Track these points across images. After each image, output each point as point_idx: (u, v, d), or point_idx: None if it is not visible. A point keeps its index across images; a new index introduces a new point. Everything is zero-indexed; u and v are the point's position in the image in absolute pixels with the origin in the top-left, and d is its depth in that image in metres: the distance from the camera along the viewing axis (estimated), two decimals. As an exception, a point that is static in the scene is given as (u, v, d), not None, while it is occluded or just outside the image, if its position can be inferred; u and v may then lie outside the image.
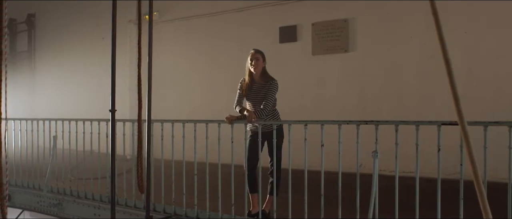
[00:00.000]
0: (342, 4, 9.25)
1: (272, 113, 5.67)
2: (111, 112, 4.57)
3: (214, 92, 11.08)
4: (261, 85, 5.73)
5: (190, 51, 11.63)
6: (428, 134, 4.78)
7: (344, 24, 9.25)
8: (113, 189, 4.87)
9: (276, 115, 5.74)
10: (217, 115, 6.54)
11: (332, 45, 9.38)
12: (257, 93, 5.71)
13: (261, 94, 5.66)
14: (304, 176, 5.14)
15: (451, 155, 4.57)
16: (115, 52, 4.17)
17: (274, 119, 5.68)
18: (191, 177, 5.89)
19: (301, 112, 8.67)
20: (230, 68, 10.70)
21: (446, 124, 4.37)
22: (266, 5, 10.17)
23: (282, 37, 10.05)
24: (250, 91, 5.75)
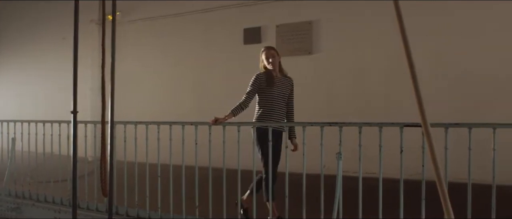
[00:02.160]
0: (306, 6, 9.30)
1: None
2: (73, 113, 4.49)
3: (179, 93, 11.02)
4: (284, 80, 5.88)
5: (155, 51, 11.54)
6: (391, 135, 4.84)
7: (309, 26, 9.30)
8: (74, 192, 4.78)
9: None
10: (181, 117, 6.51)
11: (297, 47, 9.41)
12: (281, 87, 5.79)
13: (285, 89, 5.82)
14: (268, 177, 5.13)
15: (413, 156, 4.64)
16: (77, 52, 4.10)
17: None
18: (155, 179, 5.83)
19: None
20: (195, 69, 10.69)
21: (408, 125, 4.42)
22: (230, 6, 10.16)
23: (247, 39, 10.05)
24: (274, 87, 5.76)
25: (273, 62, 5.79)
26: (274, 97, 5.70)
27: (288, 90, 5.84)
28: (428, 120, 2.16)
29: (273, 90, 5.70)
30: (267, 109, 5.68)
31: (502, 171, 4.11)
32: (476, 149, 4.20)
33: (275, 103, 5.69)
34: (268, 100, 5.70)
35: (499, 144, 4.09)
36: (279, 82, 5.78)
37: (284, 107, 5.79)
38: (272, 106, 5.69)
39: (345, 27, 8.92)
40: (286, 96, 5.80)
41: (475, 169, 4.21)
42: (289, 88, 5.86)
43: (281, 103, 5.73)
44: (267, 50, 5.88)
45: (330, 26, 9.11)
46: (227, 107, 5.57)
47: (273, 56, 5.81)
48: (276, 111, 5.69)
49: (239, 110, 5.59)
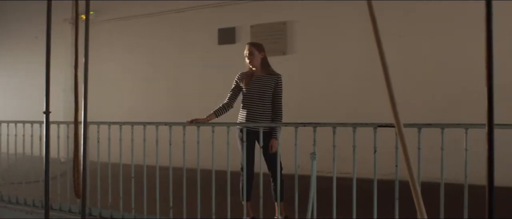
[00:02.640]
0: (281, 7, 9.32)
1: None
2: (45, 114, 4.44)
3: (153, 93, 10.96)
4: (263, 77, 5.64)
5: (128, 51, 11.47)
6: (365, 136, 4.87)
7: (283, 27, 9.32)
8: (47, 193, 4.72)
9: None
10: (155, 117, 6.47)
11: (271, 47, 9.41)
12: (258, 85, 5.59)
13: (263, 87, 5.57)
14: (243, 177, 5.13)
15: (387, 156, 4.68)
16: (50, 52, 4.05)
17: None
18: (129, 180, 5.79)
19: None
20: (169, 69, 10.64)
21: (382, 125, 4.46)
22: (205, 7, 10.14)
23: (221, 39, 10.04)
24: (250, 85, 5.62)
25: (250, 59, 5.67)
26: (250, 96, 5.58)
27: (268, 88, 5.57)
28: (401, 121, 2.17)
29: (249, 89, 5.59)
30: (244, 109, 5.62)
31: (474, 170, 4.16)
32: (448, 149, 4.26)
33: (251, 103, 5.57)
34: (245, 99, 5.65)
35: (471, 144, 4.15)
36: (258, 80, 5.61)
37: (264, 107, 5.57)
38: (248, 106, 5.59)
39: (320, 27, 8.96)
40: (265, 95, 5.55)
41: (447, 169, 4.27)
42: (270, 86, 5.58)
43: (258, 103, 5.54)
44: (247, 47, 5.76)
45: (305, 27, 9.14)
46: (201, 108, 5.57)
47: (251, 53, 5.67)
48: (252, 111, 5.55)
49: (221, 110, 5.58)
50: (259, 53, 5.69)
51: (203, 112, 5.50)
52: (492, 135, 1.93)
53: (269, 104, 5.58)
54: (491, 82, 1.85)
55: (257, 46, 5.75)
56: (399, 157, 4.32)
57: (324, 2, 8.79)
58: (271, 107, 5.58)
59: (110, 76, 11.61)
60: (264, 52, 5.74)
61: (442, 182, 4.25)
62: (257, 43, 5.84)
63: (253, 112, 5.54)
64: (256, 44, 5.80)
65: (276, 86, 5.60)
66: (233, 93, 5.71)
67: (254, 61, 5.66)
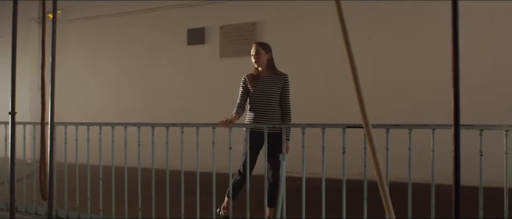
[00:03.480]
0: (250, 8, 9.33)
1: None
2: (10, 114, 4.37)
3: (121, 93, 10.86)
4: (269, 78, 5.47)
5: (97, 51, 11.35)
6: (334, 136, 4.90)
7: (252, 28, 9.33)
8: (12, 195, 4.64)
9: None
10: (124, 117, 6.42)
11: (240, 48, 9.42)
12: (265, 86, 5.42)
13: (270, 88, 5.39)
14: (212, 178, 5.12)
15: (355, 156, 4.72)
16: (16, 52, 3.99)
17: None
18: (96, 181, 5.73)
19: (211, 114, 8.64)
20: (138, 69, 10.56)
21: (351, 126, 4.49)
22: (174, 7, 10.10)
23: (190, 39, 10.01)
24: (257, 85, 5.44)
25: (256, 59, 5.50)
26: (257, 97, 5.41)
27: (276, 89, 5.40)
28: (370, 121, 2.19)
29: (255, 90, 5.42)
30: (251, 110, 5.48)
31: (440, 170, 4.23)
32: (416, 149, 4.31)
33: (258, 104, 5.41)
34: (252, 101, 5.48)
35: (437, 144, 4.21)
36: (264, 81, 5.45)
37: (271, 108, 5.39)
38: (254, 107, 5.43)
39: (289, 28, 9.00)
40: (273, 96, 5.38)
41: (415, 169, 4.32)
42: (277, 86, 5.41)
43: (266, 104, 5.37)
44: (253, 47, 5.56)
45: (274, 28, 9.16)
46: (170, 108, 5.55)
47: (258, 53, 5.49)
48: (259, 112, 5.39)
49: (239, 111, 5.45)
50: (266, 53, 5.54)
51: (172, 112, 5.48)
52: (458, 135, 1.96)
53: (277, 105, 5.42)
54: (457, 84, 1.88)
55: (264, 46, 5.58)
56: (367, 157, 4.36)
57: (293, 3, 8.83)
58: (279, 108, 5.44)
59: (78, 76, 11.47)
60: (270, 53, 5.60)
61: (410, 182, 4.30)
62: (264, 43, 5.65)
63: (261, 113, 5.38)
64: (263, 44, 5.61)
65: (283, 87, 5.46)
66: (244, 95, 5.54)
67: (261, 61, 5.50)
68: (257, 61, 5.50)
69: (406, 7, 7.91)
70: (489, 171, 4.23)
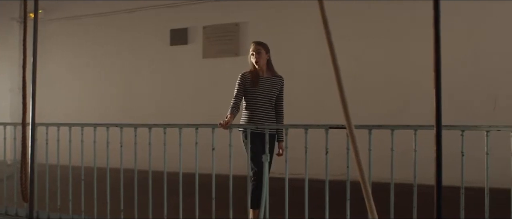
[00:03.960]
0: (233, 8, 9.32)
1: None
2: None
3: (103, 94, 10.80)
4: (270, 79, 5.40)
5: (79, 51, 11.27)
6: (317, 137, 4.92)
7: (235, 28, 9.32)
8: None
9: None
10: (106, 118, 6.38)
11: (223, 48, 9.42)
12: (266, 87, 5.34)
13: (271, 89, 5.34)
14: (195, 179, 5.11)
15: (338, 157, 4.74)
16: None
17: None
18: (78, 182, 5.69)
19: (194, 115, 8.64)
20: (121, 69, 10.50)
21: (333, 127, 4.52)
22: (157, 7, 10.06)
23: (173, 40, 9.98)
24: (258, 86, 5.32)
25: (257, 59, 5.39)
26: (258, 98, 5.31)
27: (275, 90, 5.37)
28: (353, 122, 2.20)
29: (256, 90, 5.31)
30: (250, 110, 5.35)
31: (422, 171, 4.25)
32: (398, 150, 4.33)
33: (258, 104, 5.31)
34: (251, 101, 5.35)
35: (420, 145, 4.25)
36: (265, 81, 5.36)
37: (270, 108, 5.36)
38: (255, 107, 5.32)
39: (272, 29, 9.00)
40: (272, 97, 5.35)
41: (397, 169, 4.35)
42: (276, 88, 5.38)
43: (266, 104, 5.32)
44: (254, 46, 5.45)
45: (257, 28, 9.16)
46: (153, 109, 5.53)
47: (259, 52, 5.39)
48: (259, 112, 5.30)
49: (235, 112, 5.28)
50: (266, 53, 5.46)
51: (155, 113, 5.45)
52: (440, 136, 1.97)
53: (273, 106, 5.42)
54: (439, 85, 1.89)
55: (264, 45, 5.48)
56: (350, 157, 4.38)
57: (276, 4, 8.84)
58: (274, 109, 5.43)
59: (60, 77, 11.38)
60: (269, 53, 5.51)
61: (392, 182, 4.33)
62: (263, 43, 5.51)
63: (261, 114, 5.30)
64: (263, 44, 5.49)
65: (281, 89, 5.45)
66: (240, 95, 5.39)
67: (261, 60, 5.40)
68: (258, 61, 5.39)
69: (388, 7, 7.95)
70: (471, 171, 4.26)
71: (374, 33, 8.15)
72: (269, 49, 5.50)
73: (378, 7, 8.07)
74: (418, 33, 6.46)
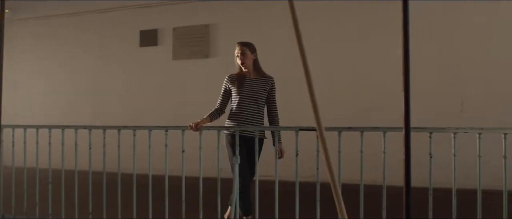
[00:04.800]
0: (203, 10, 9.30)
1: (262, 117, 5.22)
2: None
3: (72, 95, 10.66)
4: (257, 80, 5.21)
5: (47, 52, 11.10)
6: (287, 139, 4.93)
7: (206, 30, 9.30)
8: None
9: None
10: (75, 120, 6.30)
11: (193, 50, 9.38)
12: (252, 88, 5.15)
13: (258, 91, 5.14)
14: (165, 181, 5.08)
15: (308, 159, 4.76)
16: (-39, 52, 3.88)
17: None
18: (45, 185, 5.61)
19: (163, 117, 8.59)
20: (89, 71, 10.38)
21: (303, 129, 4.54)
22: (126, 8, 9.97)
23: (143, 41, 9.91)
24: (244, 87, 5.15)
25: (242, 60, 5.23)
26: (243, 99, 5.13)
27: (263, 92, 5.17)
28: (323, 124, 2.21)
29: (242, 92, 5.15)
30: (235, 113, 5.17)
31: (391, 172, 4.30)
32: (367, 151, 4.37)
33: (244, 107, 5.12)
34: (237, 103, 5.17)
35: (388, 146, 4.29)
36: (251, 82, 5.19)
37: (257, 110, 5.14)
38: (240, 110, 5.13)
39: (242, 30, 8.98)
40: (260, 98, 5.14)
41: (366, 171, 4.39)
42: (264, 89, 5.18)
43: (252, 106, 5.11)
44: (238, 47, 5.29)
45: (227, 30, 9.15)
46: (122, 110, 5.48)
47: (243, 53, 5.23)
48: (244, 114, 5.10)
49: (215, 115, 5.22)
50: (251, 53, 5.27)
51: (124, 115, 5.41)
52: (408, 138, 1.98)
53: (263, 109, 5.21)
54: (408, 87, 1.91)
55: (249, 46, 5.30)
56: (320, 159, 4.40)
57: (246, 5, 8.84)
58: (263, 112, 5.23)
59: (26, 78, 11.20)
60: (255, 53, 5.34)
61: (362, 184, 4.37)
62: (248, 43, 5.34)
63: (247, 117, 5.10)
64: (248, 44, 5.31)
65: (270, 90, 5.25)
66: (224, 98, 5.30)
67: (247, 61, 5.23)
68: (244, 62, 5.23)
69: (359, 8, 8.01)
70: (438, 173, 4.33)
71: (345, 35, 8.19)
72: (255, 49, 5.35)
73: (349, 8, 8.12)
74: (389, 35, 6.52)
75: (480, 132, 4.10)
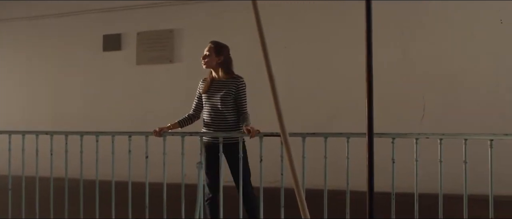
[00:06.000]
0: (168, 14, 9.23)
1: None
2: None
3: (32, 100, 10.46)
4: (222, 82, 4.95)
5: (6, 55, 10.87)
6: (251, 145, 4.93)
7: (170, 35, 9.24)
8: None
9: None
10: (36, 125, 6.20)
11: (157, 55, 9.31)
12: (217, 91, 4.91)
13: (222, 93, 4.87)
14: (128, 187, 5.04)
15: (272, 164, 4.76)
16: None
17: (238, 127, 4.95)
18: (5, 192, 5.50)
19: (127, 122, 8.51)
20: (50, 75, 10.20)
21: (268, 135, 4.56)
22: (89, 12, 9.84)
23: (106, 46, 9.78)
24: (209, 89, 4.96)
25: (204, 61, 5.02)
26: (208, 104, 4.95)
27: (225, 94, 4.88)
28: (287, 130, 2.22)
29: (206, 95, 4.97)
30: (204, 118, 5.01)
31: (355, 177, 4.34)
32: (331, 157, 4.41)
33: (209, 111, 4.94)
34: (205, 108, 5.02)
35: (352, 152, 4.34)
36: (217, 85, 4.97)
37: (221, 115, 4.88)
38: (206, 115, 4.98)
39: (208, 35, 8.87)
40: (223, 102, 4.86)
41: (330, 176, 4.43)
42: (229, 90, 4.89)
43: (216, 110, 4.89)
44: (207, 46, 5.11)
45: (192, 35, 9.11)
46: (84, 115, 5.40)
47: (206, 55, 5.02)
48: (210, 120, 4.92)
49: (186, 121, 5.06)
50: (217, 56, 5.00)
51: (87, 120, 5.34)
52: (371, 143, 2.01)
53: (229, 112, 4.92)
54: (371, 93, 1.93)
55: (216, 48, 5.07)
56: (284, 165, 4.42)
57: (212, 10, 8.82)
58: (232, 116, 4.95)
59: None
60: (223, 56, 5.06)
61: (326, 189, 4.41)
62: (219, 44, 5.13)
63: (213, 122, 4.92)
64: (217, 46, 5.10)
65: (237, 91, 4.93)
66: (196, 102, 5.12)
67: (209, 63, 5.00)
68: (206, 63, 5.02)
69: (323, 15, 8.06)
70: (401, 177, 4.38)
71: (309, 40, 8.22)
72: (224, 52, 5.11)
73: (313, 15, 8.16)
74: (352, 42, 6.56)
75: (441, 137, 4.18)
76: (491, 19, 6.91)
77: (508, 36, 6.84)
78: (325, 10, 7.99)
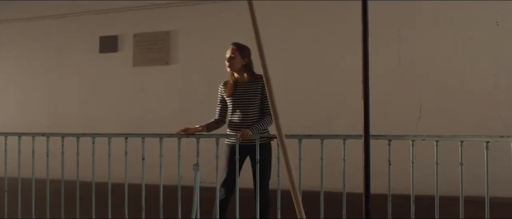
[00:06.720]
0: (164, 16, 9.23)
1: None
2: None
3: (29, 102, 10.44)
4: (248, 84, 4.89)
5: (2, 57, 10.85)
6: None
7: (166, 36, 9.23)
8: None
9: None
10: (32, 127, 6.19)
11: (154, 57, 9.30)
12: (243, 93, 4.86)
13: (249, 94, 4.82)
14: (124, 189, 5.03)
15: (269, 166, 4.78)
16: None
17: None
18: (1, 194, 5.49)
19: (123, 124, 8.50)
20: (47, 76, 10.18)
21: (264, 138, 4.57)
22: (85, 13, 9.83)
23: (102, 47, 9.77)
24: (234, 93, 4.89)
25: (230, 63, 4.92)
26: (234, 107, 4.90)
27: (252, 96, 4.83)
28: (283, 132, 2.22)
29: (231, 99, 4.92)
30: (230, 121, 4.98)
31: (351, 179, 4.35)
32: (327, 159, 4.41)
33: (235, 114, 4.89)
34: (231, 110, 4.97)
35: (348, 154, 4.34)
36: (242, 87, 4.91)
37: (250, 115, 4.82)
38: (232, 118, 4.94)
39: (203, 38, 8.96)
40: (252, 102, 4.82)
41: (327, 178, 4.43)
42: (254, 91, 4.83)
43: (243, 112, 4.84)
44: (230, 48, 4.99)
45: (188, 37, 9.10)
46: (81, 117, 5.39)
47: (231, 57, 4.93)
48: (237, 123, 4.86)
49: (213, 125, 5.05)
50: (242, 58, 4.90)
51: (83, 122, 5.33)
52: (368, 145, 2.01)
53: (256, 114, 4.86)
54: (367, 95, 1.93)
55: (241, 49, 4.94)
56: (281, 167, 4.42)
57: (208, 12, 8.81)
58: (258, 117, 4.86)
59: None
60: (247, 58, 4.94)
61: (322, 191, 4.41)
62: (241, 46, 4.97)
63: (242, 123, 4.81)
64: (240, 48, 4.95)
65: (262, 91, 4.78)
66: (221, 107, 5.09)
67: (234, 66, 4.91)
68: (230, 66, 4.92)
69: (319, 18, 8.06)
70: (397, 179, 4.38)
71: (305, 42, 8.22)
72: (248, 54, 4.96)
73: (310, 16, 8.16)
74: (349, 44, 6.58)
75: (437, 139, 4.18)
76: (488, 21, 6.93)
77: (505, 38, 6.85)
78: (323, 11, 7.99)
